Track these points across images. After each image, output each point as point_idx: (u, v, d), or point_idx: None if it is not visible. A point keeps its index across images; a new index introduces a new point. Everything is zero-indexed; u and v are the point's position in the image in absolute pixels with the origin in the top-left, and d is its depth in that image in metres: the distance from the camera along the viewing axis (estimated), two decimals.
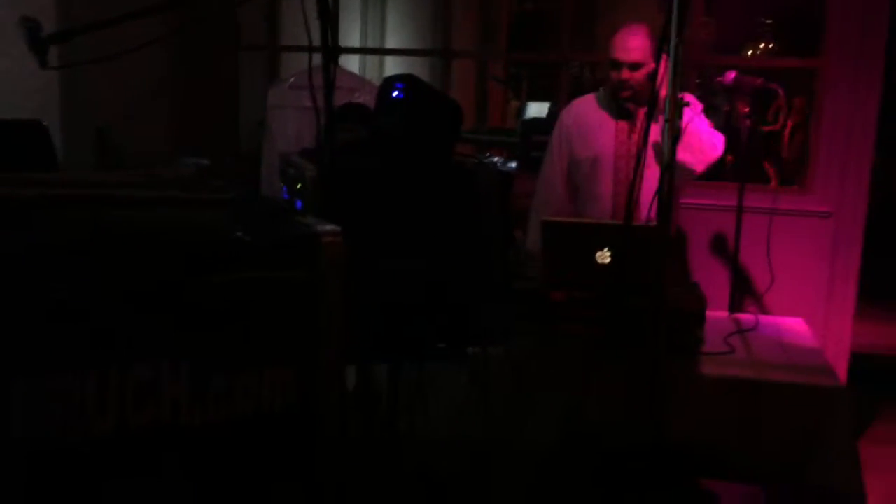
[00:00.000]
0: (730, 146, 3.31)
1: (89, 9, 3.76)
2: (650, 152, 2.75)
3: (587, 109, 3.34)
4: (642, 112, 3.18)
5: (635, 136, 3.19)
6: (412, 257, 2.10)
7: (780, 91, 3.22)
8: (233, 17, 4.68)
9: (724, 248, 3.87)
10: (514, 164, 5.98)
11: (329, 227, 1.44)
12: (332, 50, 1.85)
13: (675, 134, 2.05)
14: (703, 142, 3.04)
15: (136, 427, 1.32)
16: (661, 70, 3.05)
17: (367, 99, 3.84)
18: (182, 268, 1.32)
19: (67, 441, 1.28)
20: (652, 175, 2.14)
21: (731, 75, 3.36)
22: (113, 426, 1.30)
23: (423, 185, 2.17)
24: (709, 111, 4.47)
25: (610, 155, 3.23)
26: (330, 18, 1.80)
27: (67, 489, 1.32)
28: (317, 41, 1.97)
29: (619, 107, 3.22)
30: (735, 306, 3.47)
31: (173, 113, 4.47)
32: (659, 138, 2.11)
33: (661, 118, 2.08)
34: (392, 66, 6.62)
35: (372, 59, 6.42)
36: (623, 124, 3.23)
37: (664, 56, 3.03)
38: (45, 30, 1.87)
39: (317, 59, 2.01)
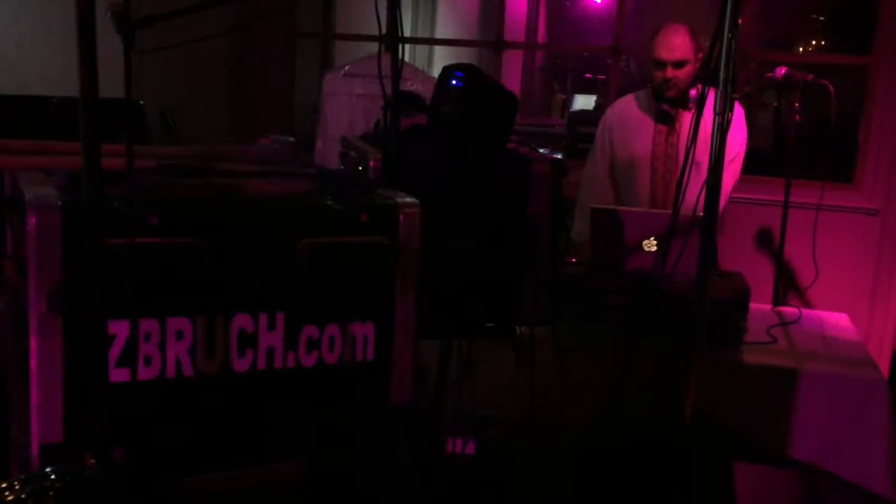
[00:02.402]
0: (778, 142, 3.34)
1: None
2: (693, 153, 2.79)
3: (628, 110, 3.39)
4: (681, 114, 3.23)
5: (674, 139, 3.24)
6: (465, 239, 2.19)
7: (831, 87, 3.23)
8: (288, 3, 4.79)
9: (769, 243, 3.90)
10: (560, 155, 6.06)
11: (408, 199, 1.56)
12: (399, 39, 1.93)
13: (724, 127, 2.11)
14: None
15: (237, 370, 1.48)
16: (695, 68, 3.12)
17: (419, 87, 3.94)
18: (279, 231, 1.46)
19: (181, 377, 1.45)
20: (694, 178, 2.19)
21: (781, 71, 3.38)
22: (218, 368, 1.45)
23: (478, 171, 2.25)
24: (759, 107, 4.49)
25: (647, 157, 3.29)
26: (398, 7, 1.89)
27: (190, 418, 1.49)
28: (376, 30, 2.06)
29: (658, 109, 3.27)
30: (779, 300, 3.50)
31: (231, 97, 4.61)
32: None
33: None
34: (440, 56, 6.71)
35: (421, 49, 6.51)
36: (662, 127, 3.28)
37: (701, 55, 3.09)
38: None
39: (373, 47, 2.10)
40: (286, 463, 1.53)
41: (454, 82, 2.38)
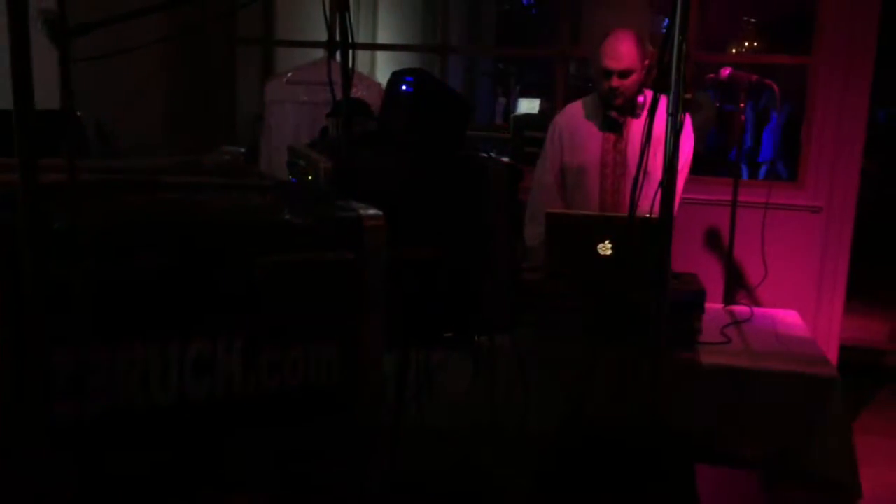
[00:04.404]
0: (723, 141, 3.37)
1: (86, 4, 3.79)
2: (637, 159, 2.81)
3: (577, 117, 3.38)
4: (629, 121, 3.24)
5: (622, 146, 3.24)
6: (418, 248, 2.14)
7: (775, 87, 3.28)
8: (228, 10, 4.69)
9: (718, 242, 3.94)
10: (506, 160, 6.06)
11: (371, 211, 1.49)
12: (349, 45, 1.88)
13: (676, 129, 2.11)
14: None
15: (193, 397, 1.39)
16: (641, 76, 3.13)
17: (364, 93, 3.87)
18: (236, 248, 1.38)
19: (133, 409, 1.36)
20: (645, 184, 2.18)
21: (725, 71, 3.42)
22: (173, 396, 1.37)
23: (430, 178, 2.21)
24: (696, 107, 4.53)
25: (596, 164, 3.28)
26: (347, 9, 1.83)
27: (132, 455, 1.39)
28: (324, 36, 2.01)
29: (605, 117, 3.27)
30: (729, 299, 3.53)
31: (169, 105, 4.48)
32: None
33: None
34: (383, 62, 6.65)
35: (363, 55, 6.44)
36: (610, 135, 3.28)
37: (647, 62, 3.10)
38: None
39: (319, 53, 2.05)
40: (248, 493, 1.44)
41: (404, 87, 2.33)
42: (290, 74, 4.25)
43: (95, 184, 1.38)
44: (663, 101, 2.09)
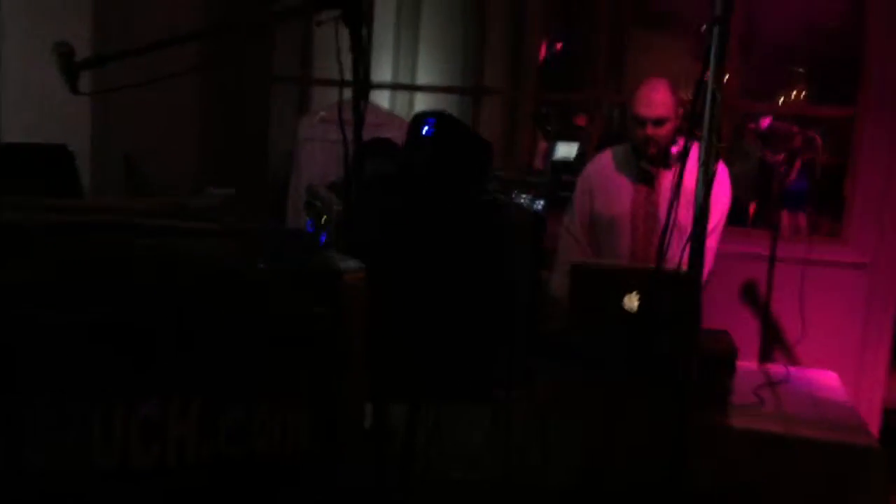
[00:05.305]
0: (763, 193, 3.26)
1: (126, 36, 3.84)
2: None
3: (607, 167, 3.31)
4: (662, 172, 3.15)
5: (654, 198, 3.16)
6: (436, 295, 2.07)
7: (818, 139, 3.16)
8: (265, 47, 4.72)
9: (754, 298, 3.79)
10: (541, 204, 5.99)
11: (352, 263, 1.40)
12: (362, 84, 1.82)
13: (709, 178, 2.02)
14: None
15: (139, 466, 1.26)
16: (676, 125, 3.05)
17: (396, 134, 3.84)
18: (197, 298, 1.28)
19: (72, 475, 1.22)
20: (675, 238, 2.10)
21: (766, 121, 3.32)
22: (116, 464, 1.24)
23: (448, 223, 2.14)
24: (740, 157, 4.43)
25: (627, 216, 3.20)
26: (362, 52, 1.77)
27: None
28: (349, 75, 1.96)
29: (638, 168, 3.19)
30: (765, 357, 3.39)
31: (202, 142, 4.49)
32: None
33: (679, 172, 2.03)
34: (422, 103, 6.64)
35: (402, 95, 6.44)
36: (641, 187, 3.20)
37: (682, 111, 3.02)
38: (79, 56, 1.87)
39: (347, 93, 1.99)
40: None
41: (426, 129, 2.28)
42: (322, 113, 4.23)
43: (56, 226, 1.29)
44: (695, 151, 2.01)
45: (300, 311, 1.35)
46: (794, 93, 8.72)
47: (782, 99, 8.48)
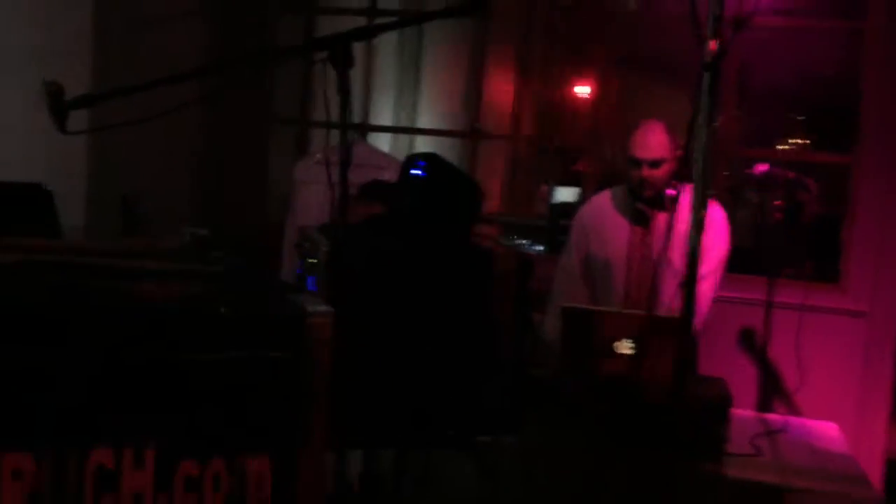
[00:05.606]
0: (759, 239, 3.24)
1: (126, 75, 3.87)
2: (668, 254, 2.71)
3: (604, 207, 3.31)
4: (657, 214, 3.14)
5: (649, 240, 3.14)
6: (421, 339, 2.04)
7: (812, 185, 3.15)
8: (265, 89, 4.75)
9: (751, 344, 3.75)
10: (540, 248, 5.97)
11: (318, 307, 1.36)
12: (349, 126, 1.83)
13: (700, 223, 2.01)
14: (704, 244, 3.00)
15: None
16: (672, 167, 3.05)
17: (391, 176, 3.84)
18: (153, 344, 1.23)
19: None
20: (670, 280, 2.09)
21: (762, 168, 3.31)
22: None
23: (435, 265, 2.12)
24: (739, 204, 4.41)
25: (622, 257, 3.19)
26: (348, 94, 1.78)
27: None
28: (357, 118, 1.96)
29: (634, 210, 3.18)
30: (762, 406, 3.34)
31: (200, 183, 4.50)
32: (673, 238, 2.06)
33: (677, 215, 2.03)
34: (423, 146, 6.66)
35: (403, 138, 6.47)
36: (637, 228, 3.19)
37: (679, 153, 3.02)
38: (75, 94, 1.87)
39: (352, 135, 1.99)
40: None
41: (415, 171, 2.27)
42: (318, 155, 4.24)
43: (12, 265, 1.26)
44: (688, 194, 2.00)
45: (261, 356, 1.30)
46: (794, 140, 8.75)
47: (782, 146, 8.49)
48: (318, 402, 1.32)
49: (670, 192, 3.10)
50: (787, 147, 8.33)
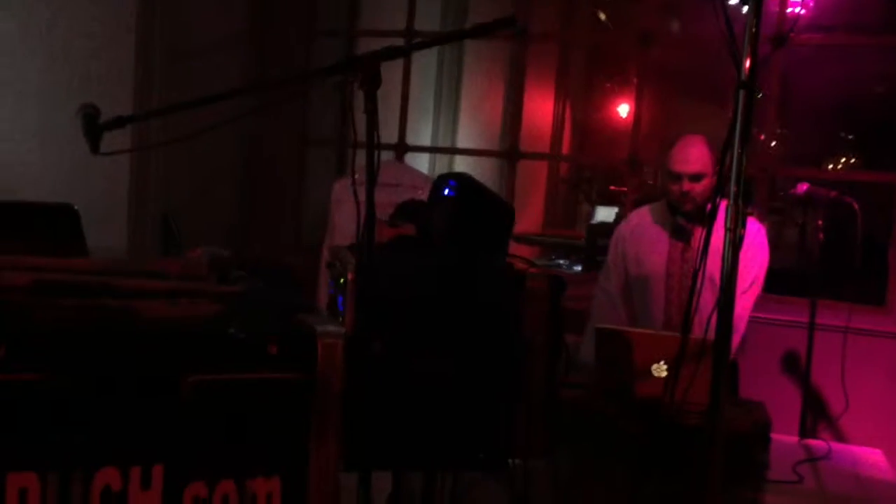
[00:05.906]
0: (803, 260, 3.17)
1: (169, 97, 3.94)
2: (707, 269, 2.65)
3: (643, 223, 3.27)
4: (697, 229, 3.09)
5: (690, 255, 3.09)
6: (449, 360, 2.02)
7: (855, 205, 3.08)
8: (301, 110, 4.80)
9: (794, 368, 3.66)
10: (578, 268, 5.93)
11: (331, 328, 1.35)
12: (375, 145, 1.83)
13: (736, 243, 1.97)
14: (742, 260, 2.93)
15: None
16: (713, 181, 3.00)
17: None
18: (161, 364, 1.23)
19: None
20: (709, 295, 2.04)
21: (803, 187, 3.24)
22: None
23: (465, 286, 2.10)
24: (784, 224, 4.32)
25: (662, 273, 3.15)
26: (375, 113, 1.78)
27: None
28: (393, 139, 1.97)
29: (674, 224, 3.14)
30: (806, 431, 3.24)
31: (238, 203, 4.55)
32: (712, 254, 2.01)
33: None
34: (462, 166, 6.67)
35: (442, 158, 6.48)
36: (678, 243, 3.14)
37: (719, 167, 2.97)
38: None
39: (385, 155, 2.00)
40: None
41: (447, 191, 2.26)
42: (357, 175, 4.25)
43: (25, 286, 1.26)
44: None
45: (272, 377, 1.30)
46: (843, 159, 8.59)
47: (830, 166, 8.34)
48: (328, 423, 1.31)
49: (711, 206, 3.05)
50: (836, 167, 8.18)
